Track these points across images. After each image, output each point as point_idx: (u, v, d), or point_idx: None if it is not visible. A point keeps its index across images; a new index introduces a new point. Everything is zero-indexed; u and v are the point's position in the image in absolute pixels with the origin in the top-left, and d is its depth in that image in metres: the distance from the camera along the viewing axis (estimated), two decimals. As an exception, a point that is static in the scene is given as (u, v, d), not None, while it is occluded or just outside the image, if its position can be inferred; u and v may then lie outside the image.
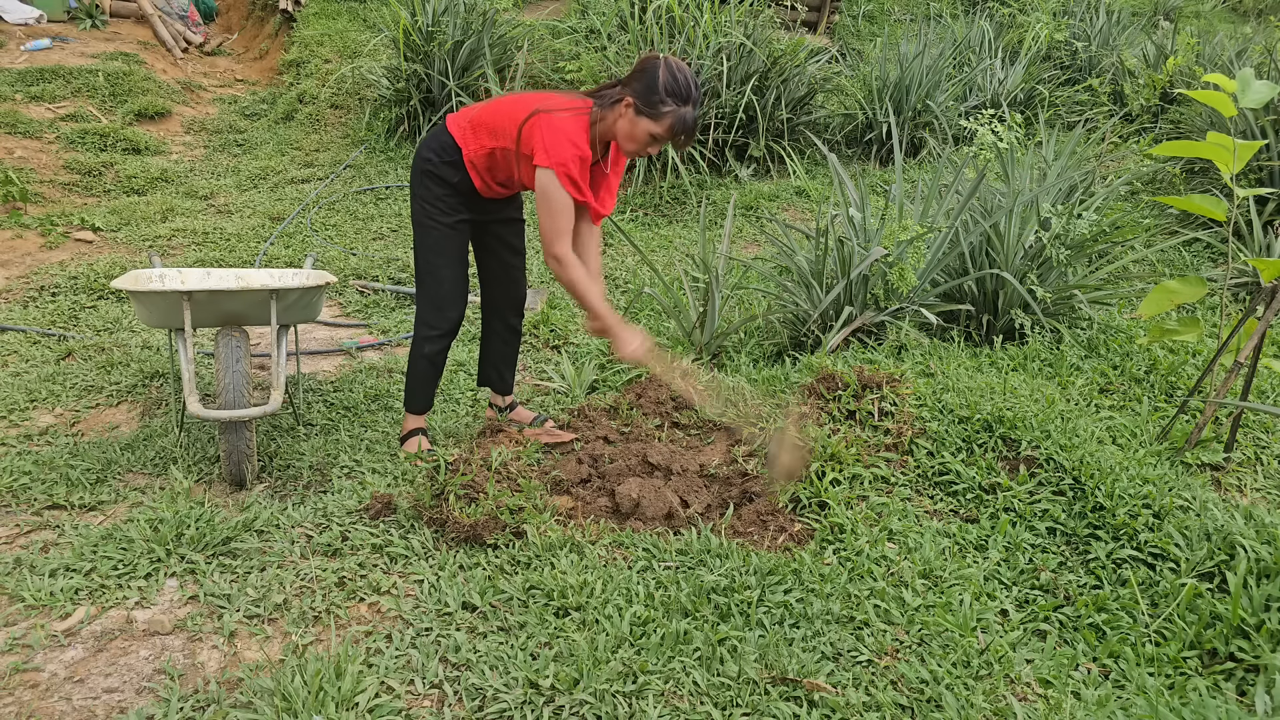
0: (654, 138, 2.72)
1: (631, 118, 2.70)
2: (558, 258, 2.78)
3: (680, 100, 2.66)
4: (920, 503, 2.69)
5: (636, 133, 2.72)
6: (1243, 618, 2.11)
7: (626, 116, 2.72)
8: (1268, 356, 3.02)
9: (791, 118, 7.17)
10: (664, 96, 2.65)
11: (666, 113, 2.66)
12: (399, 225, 6.35)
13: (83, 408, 3.54)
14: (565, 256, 2.78)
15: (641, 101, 2.67)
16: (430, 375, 3.14)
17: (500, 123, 2.83)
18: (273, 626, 2.18)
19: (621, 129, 2.75)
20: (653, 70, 2.67)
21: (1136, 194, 5.92)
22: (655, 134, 2.70)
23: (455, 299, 3.04)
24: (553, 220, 2.75)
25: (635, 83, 2.70)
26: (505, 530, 2.51)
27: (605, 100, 2.77)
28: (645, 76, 2.68)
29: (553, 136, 2.70)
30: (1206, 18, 11.36)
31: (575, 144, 2.71)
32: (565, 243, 2.78)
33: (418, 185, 2.98)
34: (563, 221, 2.76)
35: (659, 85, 2.65)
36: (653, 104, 2.66)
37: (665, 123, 2.68)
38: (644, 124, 2.69)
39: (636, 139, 2.73)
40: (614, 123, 2.76)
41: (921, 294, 3.76)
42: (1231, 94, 2.73)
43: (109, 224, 5.95)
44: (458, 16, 7.41)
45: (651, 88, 2.65)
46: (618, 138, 2.79)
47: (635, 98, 2.68)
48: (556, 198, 2.73)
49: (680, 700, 1.94)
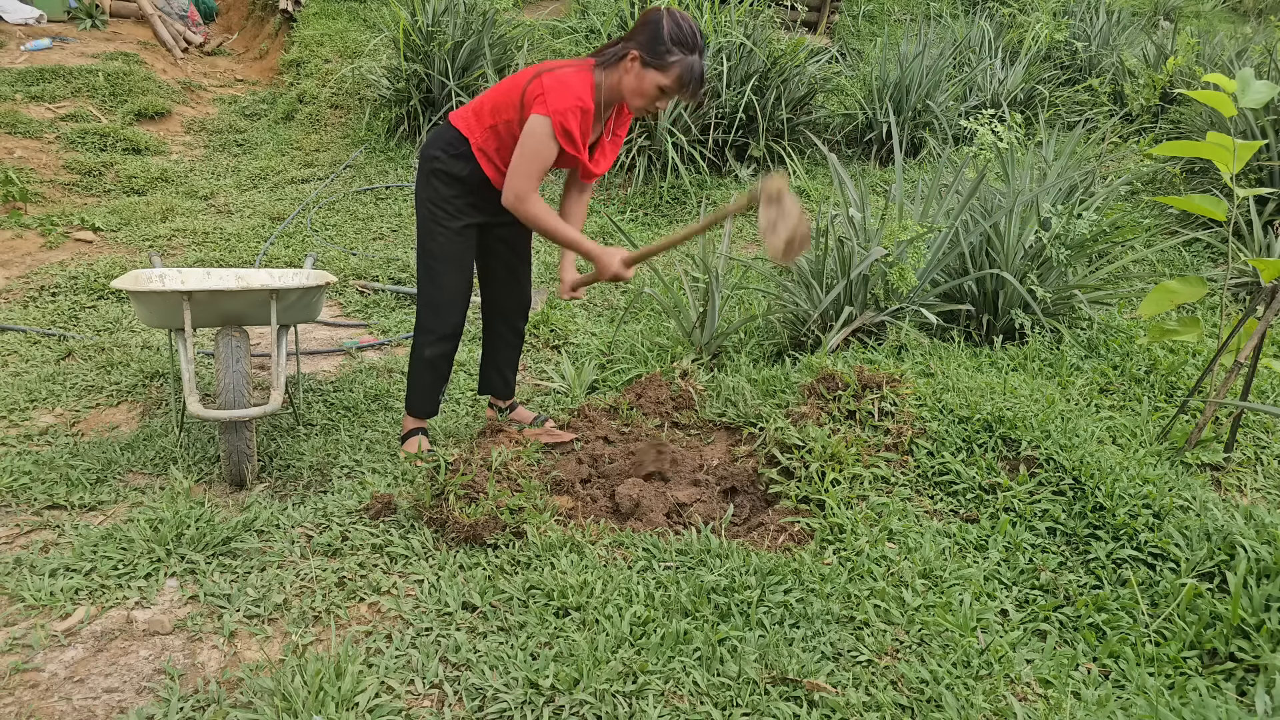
0: (662, 90, 2.64)
1: (638, 71, 2.63)
2: (518, 195, 2.69)
3: (687, 49, 2.59)
4: (920, 503, 2.69)
5: (644, 86, 2.64)
6: (1243, 618, 2.11)
7: (633, 71, 2.64)
8: (1268, 356, 3.02)
9: (791, 118, 7.17)
10: (670, 46, 2.58)
11: (674, 62, 2.59)
12: (399, 225, 6.35)
13: (83, 408, 3.54)
14: (525, 193, 2.69)
15: (647, 53, 2.60)
16: (431, 380, 3.09)
17: (502, 97, 2.78)
18: (273, 626, 2.18)
19: (628, 85, 2.67)
20: (656, 21, 2.60)
21: (1136, 194, 5.92)
22: (663, 85, 2.63)
23: (456, 304, 2.99)
24: (527, 161, 2.66)
25: (639, 35, 2.63)
26: (505, 530, 2.51)
27: (609, 58, 2.70)
28: (649, 28, 2.61)
29: (555, 86, 2.63)
30: (1206, 18, 11.36)
31: (578, 95, 2.63)
32: (530, 183, 2.68)
33: (424, 187, 2.92)
34: (535, 165, 2.67)
35: (664, 35, 2.58)
36: (659, 54, 2.59)
37: (673, 72, 2.60)
38: (651, 76, 2.62)
39: (644, 93, 2.66)
40: (620, 80, 2.69)
41: (921, 294, 3.76)
42: (1231, 94, 2.73)
43: (109, 224, 5.95)
44: (458, 16, 7.41)
45: (656, 38, 2.59)
46: (624, 95, 2.70)
47: (641, 50, 2.61)
48: (541, 141, 2.64)
49: (680, 700, 1.94)
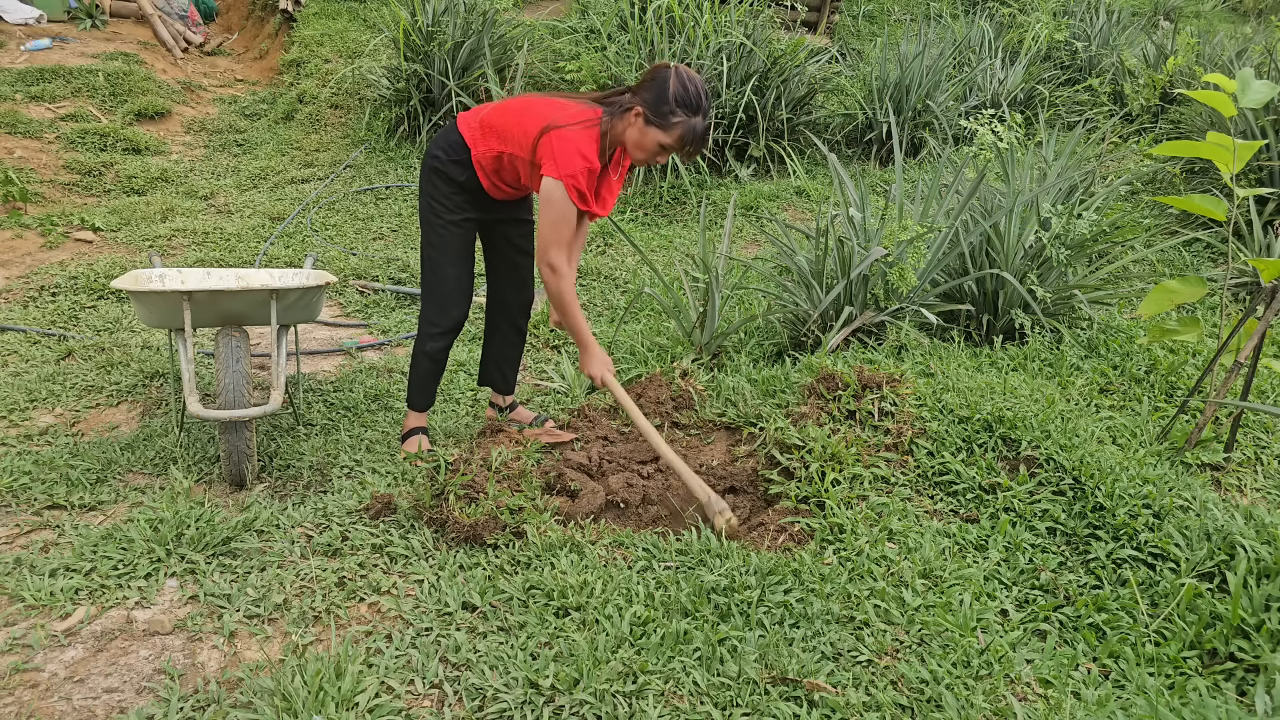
0: (663, 147, 2.71)
1: (641, 127, 2.69)
2: (552, 266, 2.78)
3: (690, 111, 2.65)
4: (920, 503, 2.69)
5: (645, 142, 2.71)
6: (1243, 618, 2.11)
7: (636, 126, 2.70)
8: (1268, 356, 3.02)
9: (791, 118, 7.17)
10: (674, 107, 2.64)
11: (676, 123, 2.65)
12: (399, 225, 6.35)
13: (83, 408, 3.54)
14: (560, 267, 2.78)
15: (651, 111, 2.66)
16: (432, 373, 3.15)
17: (510, 128, 2.82)
18: (273, 626, 2.18)
19: (631, 137, 2.74)
20: (663, 80, 2.65)
21: (1136, 194, 5.92)
22: (664, 144, 2.69)
23: (459, 297, 3.04)
24: (553, 229, 2.75)
25: (645, 92, 2.68)
26: (505, 530, 2.51)
27: (615, 108, 2.75)
28: (655, 86, 2.66)
29: (563, 148, 2.69)
30: (1206, 18, 11.36)
31: (585, 156, 2.70)
32: (562, 253, 2.78)
33: (426, 182, 2.98)
34: (563, 232, 2.76)
35: (669, 95, 2.63)
36: (662, 114, 2.65)
37: (675, 133, 2.66)
38: (653, 134, 2.68)
39: (645, 148, 2.73)
40: (623, 131, 2.75)
41: (921, 294, 3.76)
42: (1231, 94, 2.73)
43: (109, 224, 5.95)
44: (458, 16, 7.41)
45: (662, 98, 2.64)
46: (626, 145, 2.77)
47: (645, 107, 2.67)
48: (560, 207, 2.72)
49: (680, 700, 1.94)
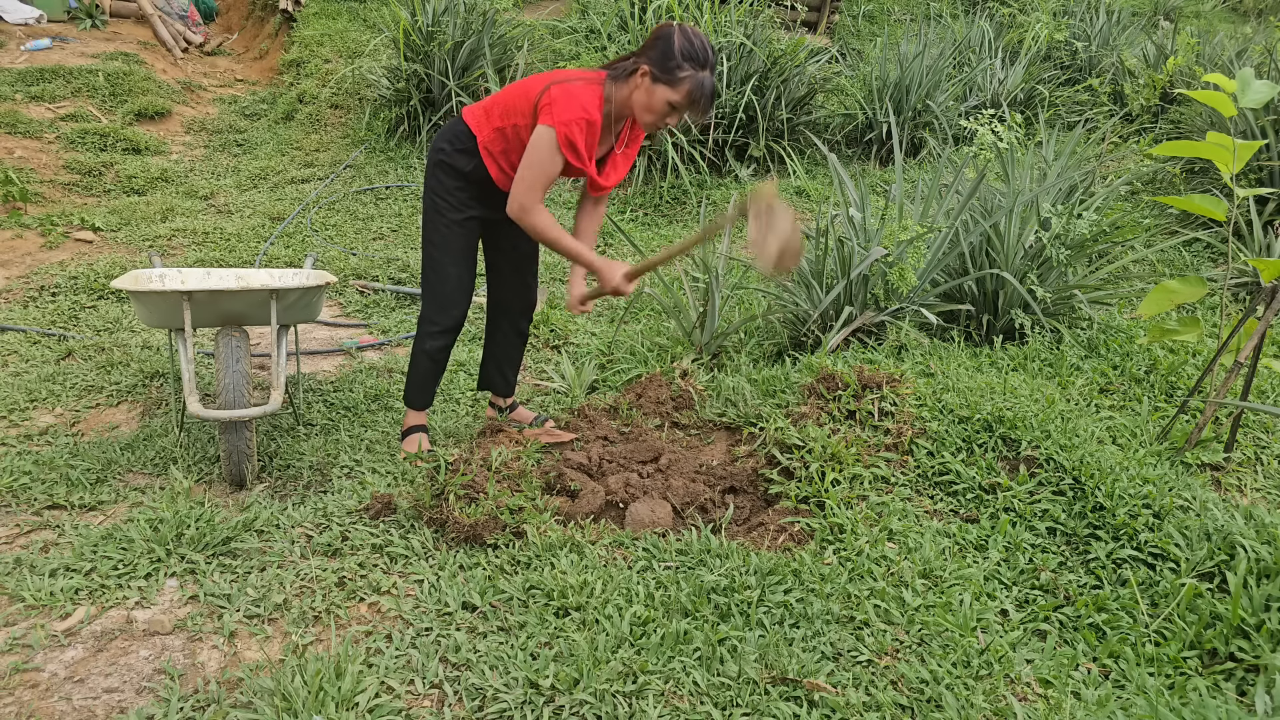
0: (672, 106, 2.65)
1: (648, 86, 2.64)
2: (522, 205, 2.70)
3: (697, 64, 2.60)
4: (920, 503, 2.69)
5: (654, 102, 2.65)
6: (1243, 618, 2.11)
7: (643, 86, 2.65)
8: (1268, 356, 3.02)
9: (791, 118, 7.17)
10: (680, 61, 2.59)
11: (684, 78, 2.59)
12: (399, 225, 6.35)
13: (83, 408, 3.54)
14: (530, 205, 2.70)
15: (658, 69, 2.61)
16: (432, 372, 3.14)
17: (513, 101, 2.79)
18: (273, 626, 2.18)
19: (638, 100, 2.68)
20: (668, 37, 2.61)
21: (1136, 194, 5.92)
22: (673, 101, 2.64)
23: (459, 297, 3.02)
24: (530, 171, 2.67)
25: (650, 51, 2.64)
26: (505, 530, 2.51)
27: (620, 72, 2.70)
28: (660, 44, 2.62)
29: (562, 97, 2.64)
30: (1206, 18, 11.36)
31: (584, 107, 2.64)
32: (534, 195, 2.70)
33: (430, 178, 2.95)
34: (540, 176, 2.68)
35: (675, 50, 2.59)
36: (669, 70, 2.60)
37: (683, 88, 2.61)
38: (661, 91, 2.63)
39: (654, 109, 2.67)
40: (630, 94, 2.70)
41: (921, 294, 3.76)
42: (1231, 94, 2.73)
43: (109, 224, 5.95)
44: (458, 16, 7.41)
45: (668, 54, 2.59)
46: (635, 110, 2.72)
47: (651, 65, 2.62)
48: (543, 151, 2.65)
49: (680, 700, 1.94)
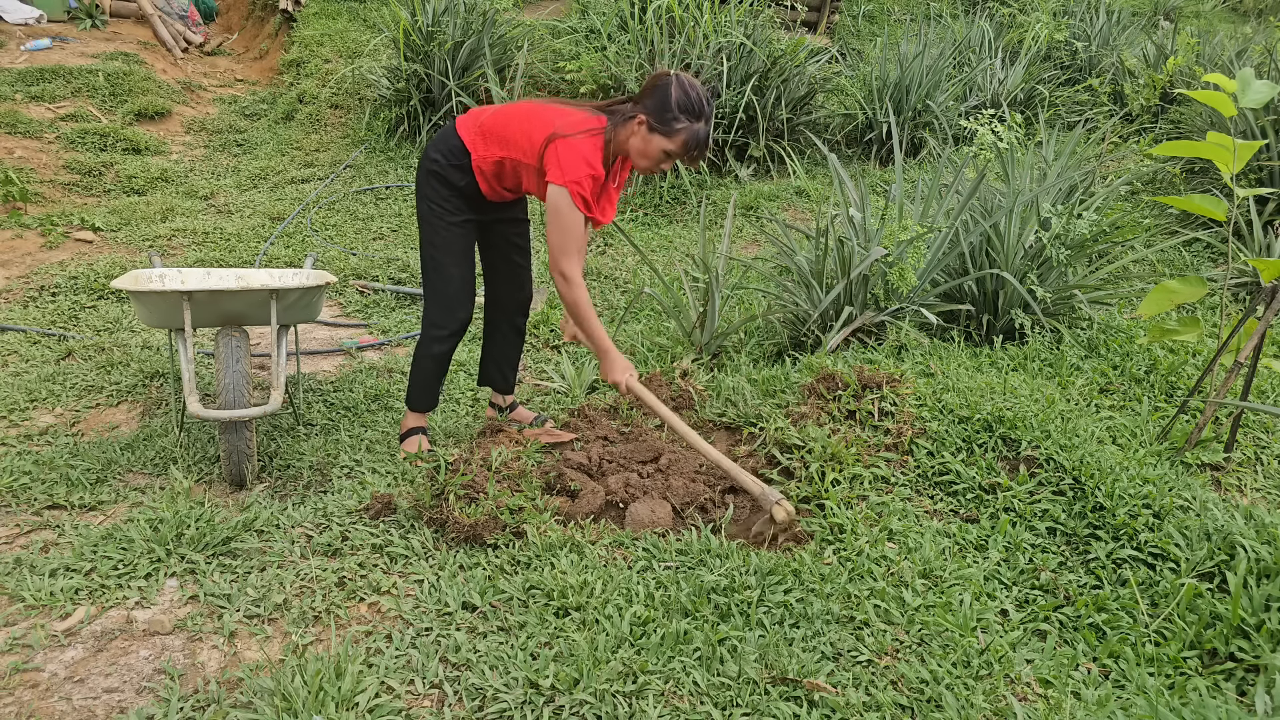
0: (667, 154, 2.73)
1: (644, 135, 2.72)
2: (565, 276, 2.78)
3: (693, 117, 2.67)
4: (920, 503, 2.69)
5: (649, 150, 2.73)
6: (1243, 618, 2.11)
7: (639, 134, 2.73)
8: (1268, 356, 3.02)
9: (791, 118, 7.17)
10: (677, 114, 2.67)
11: (680, 129, 2.68)
12: (399, 225, 6.35)
13: (83, 408, 3.54)
14: (573, 276, 2.78)
15: (654, 119, 2.69)
16: (435, 374, 3.15)
17: (512, 134, 2.83)
18: (273, 626, 2.18)
19: (635, 146, 2.76)
20: (665, 88, 2.68)
21: (1136, 194, 5.92)
22: (669, 150, 2.72)
23: (464, 298, 3.04)
24: (563, 237, 2.75)
25: (648, 100, 2.71)
26: (505, 530, 2.51)
27: (618, 117, 2.78)
28: (658, 94, 2.69)
29: (569, 155, 2.71)
30: (1206, 18, 11.36)
31: (590, 163, 2.72)
32: (574, 262, 2.78)
33: (424, 185, 2.97)
34: (573, 239, 2.76)
35: (672, 103, 2.66)
36: (666, 121, 2.68)
37: (679, 139, 2.69)
38: (657, 141, 2.71)
39: (649, 155, 2.75)
40: (626, 140, 2.77)
41: (921, 294, 3.76)
42: (1231, 94, 2.73)
43: (109, 224, 5.95)
44: (458, 16, 7.41)
45: (664, 105, 2.67)
46: (630, 154, 2.79)
47: (648, 115, 2.69)
48: (568, 215, 2.73)
49: (680, 700, 1.94)
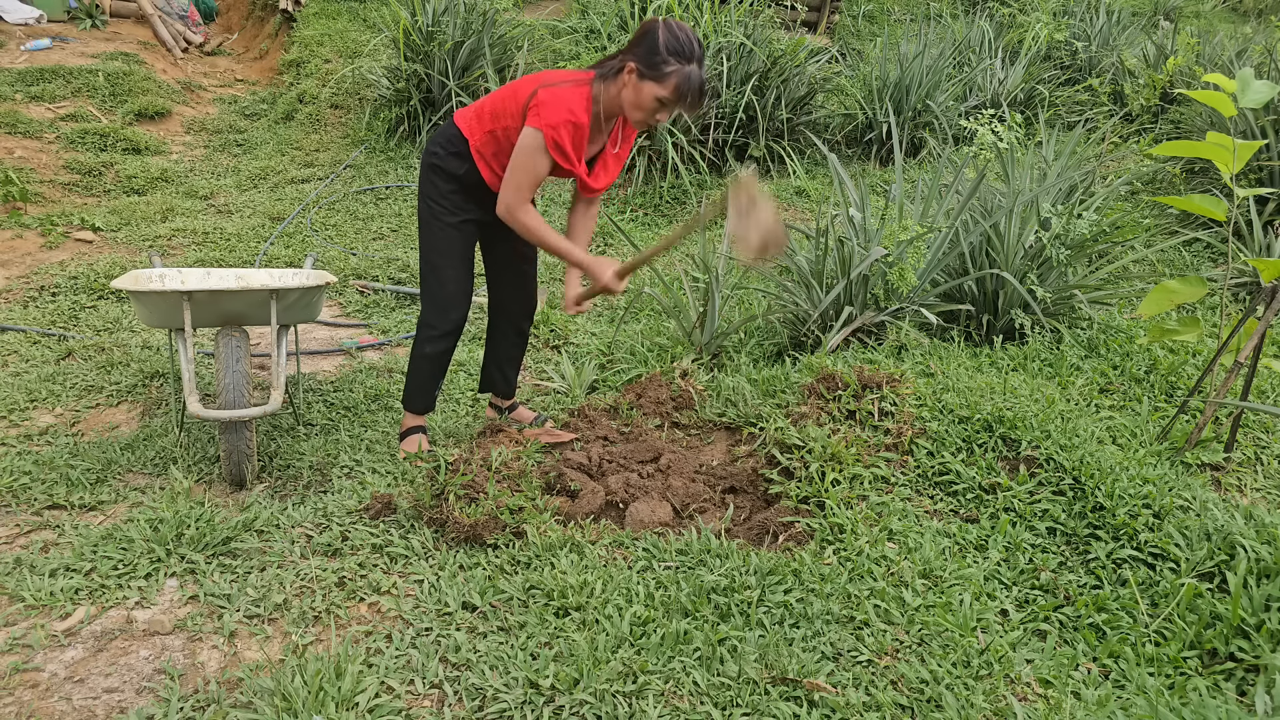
0: (661, 102, 2.63)
1: (635, 83, 2.63)
2: (509, 206, 2.73)
3: (683, 58, 2.58)
4: (920, 503, 2.69)
5: (642, 99, 2.64)
6: (1243, 618, 2.11)
7: (630, 84, 2.64)
8: (1268, 356, 3.02)
9: (791, 118, 7.17)
10: (666, 56, 2.57)
11: (670, 72, 2.58)
12: (399, 225, 6.35)
13: (83, 408, 3.54)
14: (515, 204, 2.73)
15: (644, 65, 2.60)
16: (432, 375, 3.12)
17: (503, 104, 2.79)
18: (273, 626, 2.18)
19: (627, 98, 2.68)
20: (653, 32, 2.59)
21: (1136, 194, 5.92)
22: (661, 97, 2.62)
23: (458, 299, 3.01)
24: (517, 173, 2.69)
25: (636, 48, 2.63)
26: (505, 530, 2.51)
27: (608, 70, 2.70)
28: (645, 39, 2.60)
29: (550, 100, 2.64)
30: (1206, 18, 11.36)
31: (571, 110, 2.65)
32: (521, 195, 2.72)
33: (424, 182, 2.95)
34: (526, 179, 2.69)
35: (660, 45, 2.57)
36: (655, 65, 2.58)
37: (670, 83, 2.59)
38: (648, 88, 2.61)
39: (643, 105, 2.66)
40: (618, 93, 2.69)
41: (921, 294, 3.76)
42: (1231, 94, 2.73)
43: (109, 224, 5.95)
44: (458, 16, 7.41)
45: (653, 49, 2.58)
46: (624, 108, 2.71)
47: (637, 62, 2.61)
48: (531, 154, 2.67)
49: (680, 700, 1.94)
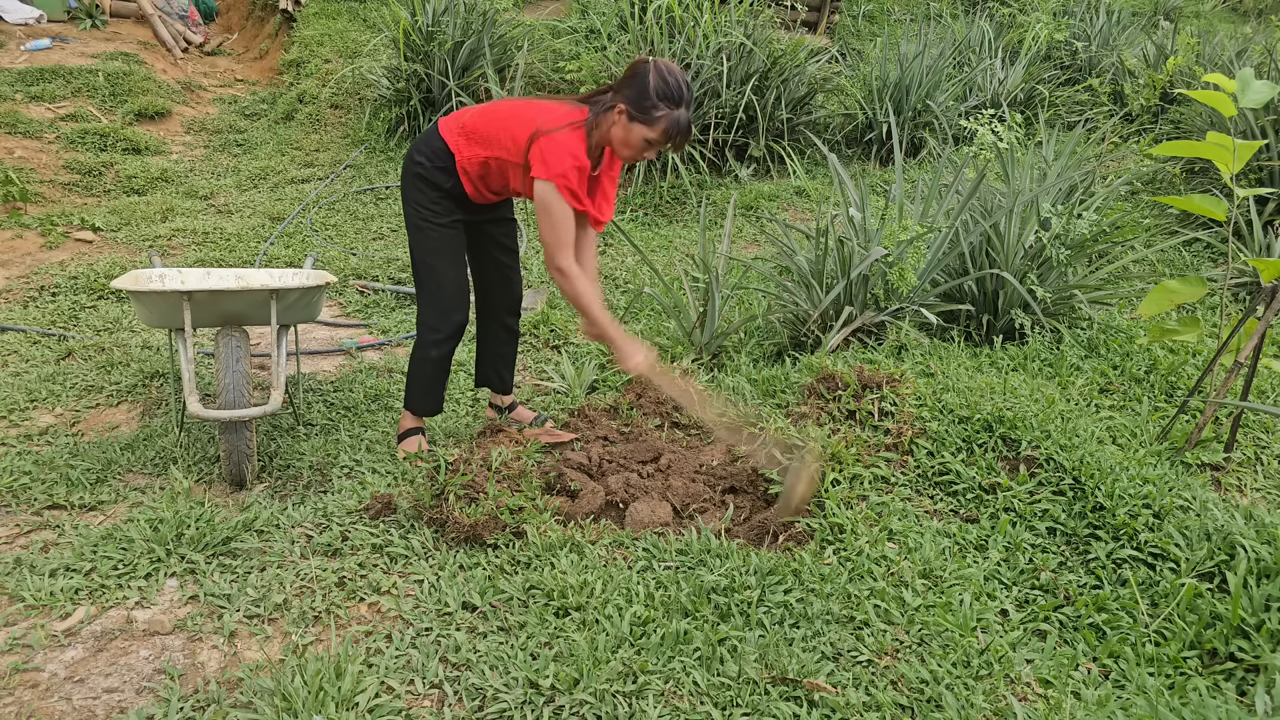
0: (649, 143, 2.71)
1: (625, 124, 2.69)
2: (561, 270, 2.77)
3: (673, 103, 2.64)
4: (920, 503, 2.69)
5: (631, 139, 2.71)
6: (1243, 618, 2.11)
7: (620, 124, 2.70)
8: (1268, 356, 3.02)
9: (791, 118, 7.17)
10: (656, 101, 2.63)
11: (660, 117, 2.65)
12: (399, 225, 6.35)
13: (83, 408, 3.54)
14: (569, 269, 2.77)
15: (634, 108, 2.66)
16: (435, 378, 3.11)
17: (496, 134, 2.82)
18: (273, 626, 2.18)
19: (616, 136, 2.74)
20: (643, 75, 2.65)
21: (1136, 194, 5.92)
22: (649, 139, 2.69)
23: (458, 300, 3.01)
24: (554, 232, 2.74)
25: (626, 89, 2.68)
26: (505, 530, 2.51)
27: (599, 107, 2.75)
28: (636, 82, 2.66)
29: (552, 149, 2.69)
30: (1206, 18, 11.36)
31: (574, 155, 2.70)
32: (568, 255, 2.77)
33: (409, 188, 2.95)
34: (564, 233, 2.75)
35: (650, 90, 2.63)
36: (645, 109, 2.65)
37: (659, 127, 2.66)
38: (638, 130, 2.68)
39: (632, 145, 2.72)
40: (608, 130, 2.74)
41: (921, 294, 3.76)
42: (1231, 94, 2.73)
43: (109, 224, 5.95)
44: (458, 16, 7.41)
45: (643, 93, 2.64)
46: (613, 144, 2.77)
47: (627, 104, 2.67)
48: (557, 209, 2.71)
49: (680, 700, 1.94)
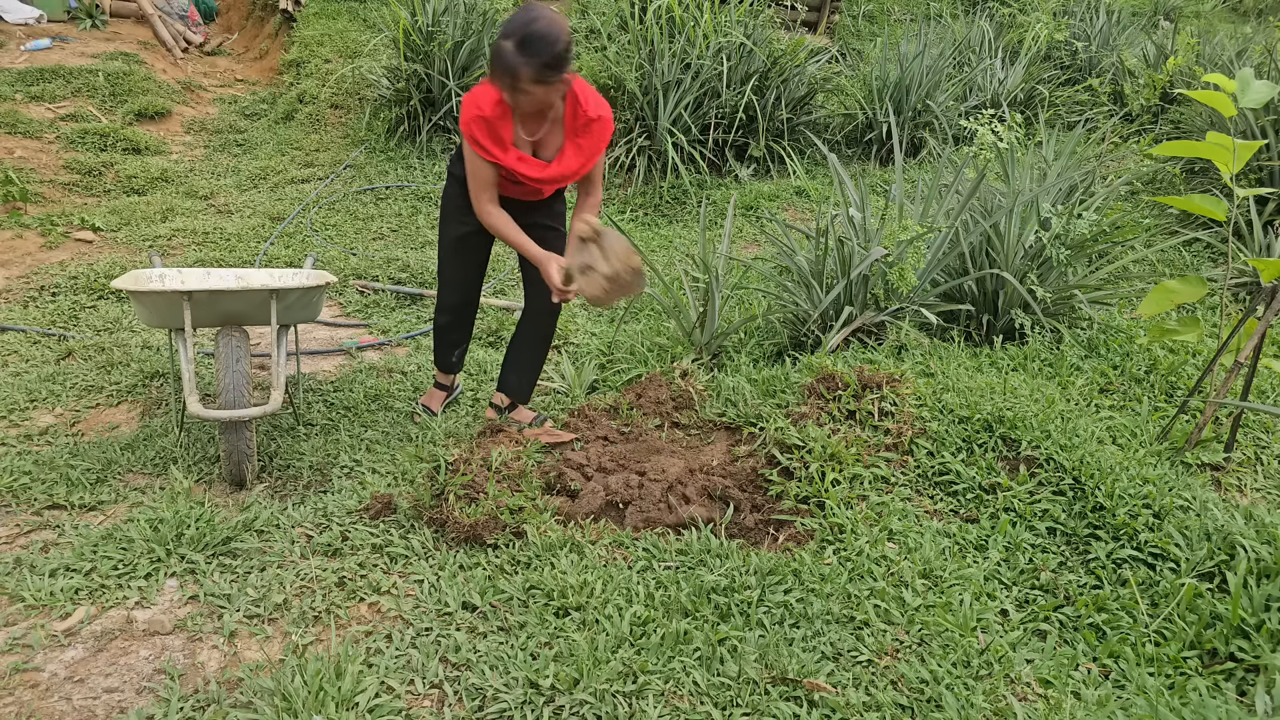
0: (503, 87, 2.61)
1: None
2: (477, 211, 2.95)
3: (504, 36, 2.54)
4: (920, 503, 2.69)
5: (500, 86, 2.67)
6: (1243, 618, 2.11)
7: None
8: (1268, 356, 3.02)
9: (791, 118, 7.17)
10: (499, 40, 2.56)
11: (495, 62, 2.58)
12: (399, 225, 6.35)
13: (83, 408, 3.54)
14: (483, 208, 2.93)
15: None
16: (440, 341, 3.48)
17: None
18: (273, 626, 2.18)
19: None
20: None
21: (1136, 194, 5.92)
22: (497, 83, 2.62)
23: (451, 288, 3.33)
24: (471, 180, 2.90)
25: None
26: (505, 530, 2.51)
27: None
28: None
29: (463, 102, 2.79)
30: (1206, 18, 11.36)
31: (477, 105, 2.75)
32: (483, 201, 2.92)
33: (446, 185, 3.19)
34: (475, 182, 2.88)
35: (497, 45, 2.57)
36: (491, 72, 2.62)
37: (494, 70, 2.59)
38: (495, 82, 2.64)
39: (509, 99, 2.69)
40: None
41: (921, 294, 3.76)
42: (1231, 94, 2.73)
43: (109, 224, 5.95)
44: (458, 16, 7.41)
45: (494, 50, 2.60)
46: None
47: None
48: (470, 160, 2.86)
49: (680, 700, 1.94)
